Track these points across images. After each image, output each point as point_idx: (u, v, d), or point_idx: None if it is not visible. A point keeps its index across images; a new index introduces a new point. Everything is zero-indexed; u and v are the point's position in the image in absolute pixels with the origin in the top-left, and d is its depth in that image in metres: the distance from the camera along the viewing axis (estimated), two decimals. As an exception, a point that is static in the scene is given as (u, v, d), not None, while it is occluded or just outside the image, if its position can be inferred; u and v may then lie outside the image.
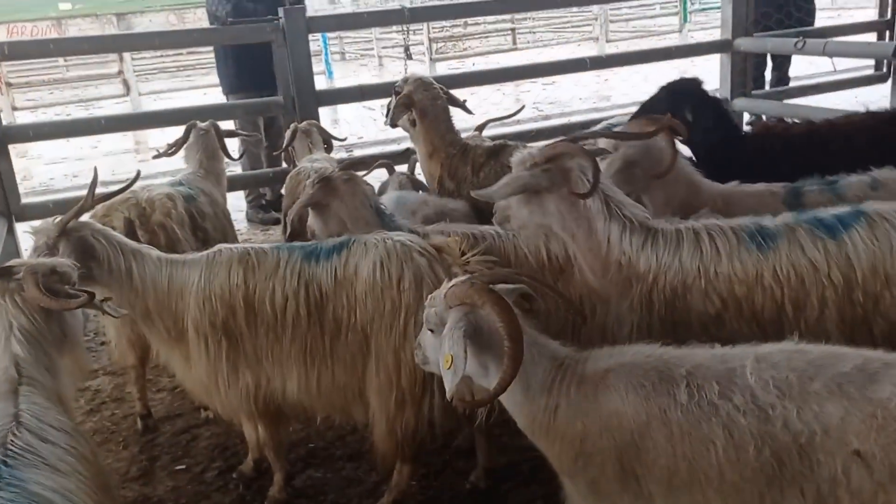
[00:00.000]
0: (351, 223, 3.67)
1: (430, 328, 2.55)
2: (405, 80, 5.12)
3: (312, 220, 3.84)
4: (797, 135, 4.62)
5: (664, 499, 2.30)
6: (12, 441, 2.08)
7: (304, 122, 5.82)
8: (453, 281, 2.52)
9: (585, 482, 2.43)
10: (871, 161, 3.82)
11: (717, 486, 2.20)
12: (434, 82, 5.17)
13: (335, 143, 6.00)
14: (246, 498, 3.75)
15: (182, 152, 5.26)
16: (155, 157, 5.40)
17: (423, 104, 5.00)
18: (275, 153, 6.93)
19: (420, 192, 5.07)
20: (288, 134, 5.73)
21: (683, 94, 4.71)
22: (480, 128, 5.66)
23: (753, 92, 9.90)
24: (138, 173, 4.06)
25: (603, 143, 3.73)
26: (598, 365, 2.44)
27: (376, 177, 4.99)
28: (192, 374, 3.45)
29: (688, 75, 5.00)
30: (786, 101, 9.91)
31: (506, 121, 6.03)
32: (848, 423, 2.07)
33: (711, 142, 4.51)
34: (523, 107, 6.28)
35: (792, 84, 10.80)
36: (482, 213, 4.06)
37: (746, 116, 10.13)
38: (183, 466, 4.05)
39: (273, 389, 3.39)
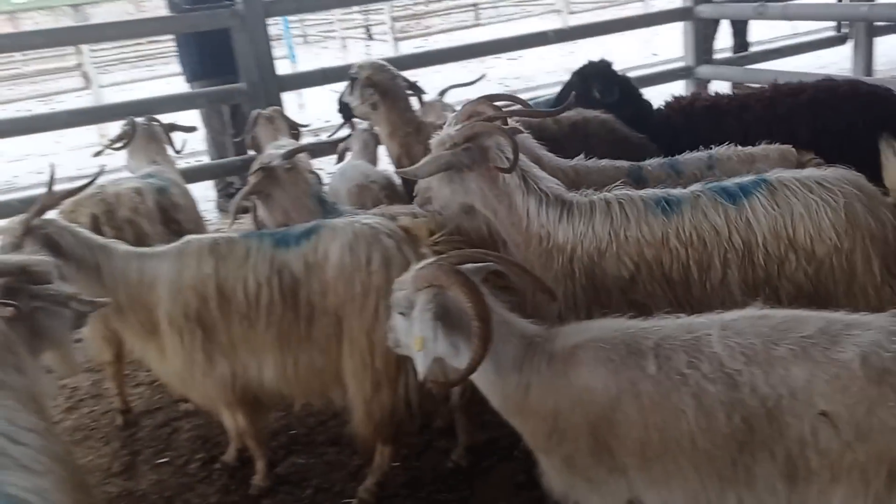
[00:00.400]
0: (294, 212, 3.73)
1: (400, 311, 2.57)
2: (360, 66, 5.13)
3: (259, 210, 3.87)
4: (699, 108, 4.82)
5: (638, 470, 2.36)
6: None
7: (268, 109, 5.77)
8: (421, 263, 2.55)
9: (560, 458, 2.48)
10: (763, 133, 4.03)
11: (690, 454, 2.25)
12: (387, 64, 5.19)
13: (302, 128, 5.96)
14: (230, 487, 3.77)
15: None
16: (95, 154, 5.18)
17: (384, 84, 5.02)
18: (235, 140, 6.86)
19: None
20: (249, 121, 5.69)
21: (591, 75, 5.06)
22: (443, 92, 5.85)
23: (716, 58, 9.98)
24: (101, 169, 4.00)
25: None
26: (566, 341, 2.47)
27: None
28: (168, 366, 3.45)
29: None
30: (748, 67, 9.99)
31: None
32: (813, 385, 2.13)
33: (621, 118, 4.71)
34: (484, 75, 6.27)
35: (753, 49, 10.88)
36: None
37: (713, 84, 10.22)
38: (166, 459, 4.06)
39: (250, 378, 3.40)
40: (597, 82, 5.00)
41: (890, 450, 2.05)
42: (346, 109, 5.26)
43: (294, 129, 5.72)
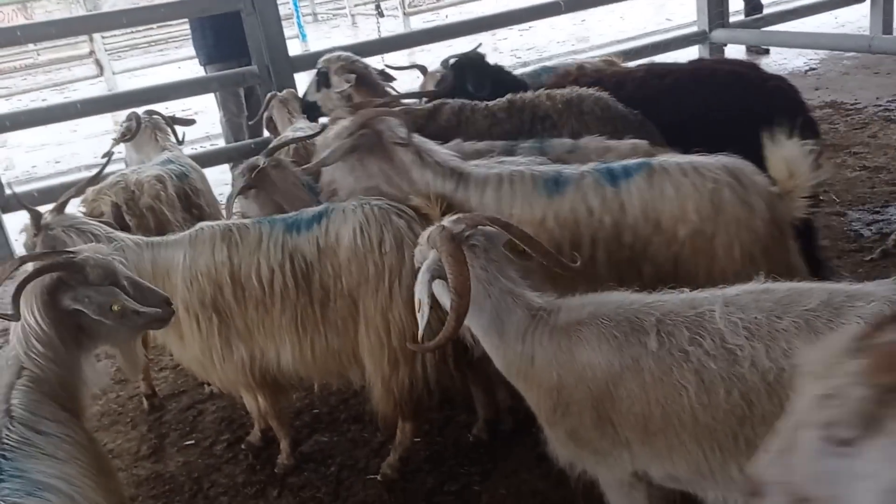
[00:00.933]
0: (288, 205, 3.78)
1: (418, 265, 2.64)
2: (327, 59, 5.14)
3: (247, 206, 3.96)
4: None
5: (640, 444, 2.37)
6: (7, 435, 2.10)
7: (284, 91, 5.78)
8: (442, 223, 2.59)
9: (565, 430, 2.51)
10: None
11: (691, 429, 2.27)
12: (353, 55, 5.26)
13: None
14: (256, 467, 3.82)
15: (120, 147, 5.22)
16: (105, 155, 5.23)
17: (360, 71, 5.05)
18: (250, 122, 6.88)
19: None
20: (264, 103, 5.70)
21: (464, 69, 5.15)
22: (446, 62, 5.80)
23: (731, 21, 9.82)
24: (109, 157, 4.05)
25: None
26: (570, 316, 2.49)
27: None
28: (187, 352, 3.50)
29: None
30: (764, 30, 9.85)
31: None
32: None
33: None
34: (480, 44, 6.16)
35: (767, 11, 10.71)
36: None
37: (729, 48, 10.08)
38: (192, 441, 4.12)
39: (268, 361, 3.44)
40: (469, 76, 5.12)
41: None
42: (312, 109, 5.29)
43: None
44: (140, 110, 5.25)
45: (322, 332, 3.35)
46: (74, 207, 4.80)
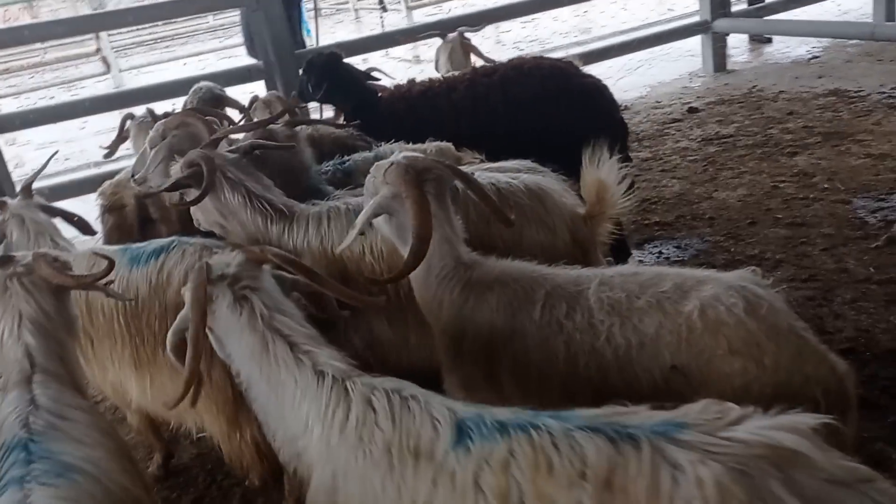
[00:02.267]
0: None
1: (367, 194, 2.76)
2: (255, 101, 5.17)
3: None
4: (415, 93, 5.02)
5: (520, 401, 2.42)
6: (33, 421, 2.13)
7: (267, 93, 5.84)
8: (398, 157, 2.65)
9: (459, 378, 2.69)
10: (468, 110, 4.55)
11: (559, 394, 2.44)
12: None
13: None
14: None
15: (128, 144, 5.26)
16: (105, 155, 5.37)
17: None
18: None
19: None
20: (247, 105, 5.76)
21: (309, 69, 5.28)
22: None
23: (733, 10, 9.83)
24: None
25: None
26: (481, 276, 2.66)
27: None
28: None
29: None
30: (766, 18, 9.85)
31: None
32: (661, 335, 2.28)
33: (352, 108, 5.05)
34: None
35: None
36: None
37: (731, 38, 10.09)
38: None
39: (125, 391, 3.31)
40: (312, 76, 5.23)
41: (724, 393, 2.13)
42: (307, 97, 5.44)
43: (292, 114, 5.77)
44: (139, 110, 5.28)
45: (157, 374, 3.12)
46: (92, 202, 4.90)
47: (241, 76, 7.46)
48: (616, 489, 1.55)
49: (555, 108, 4.64)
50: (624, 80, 10.23)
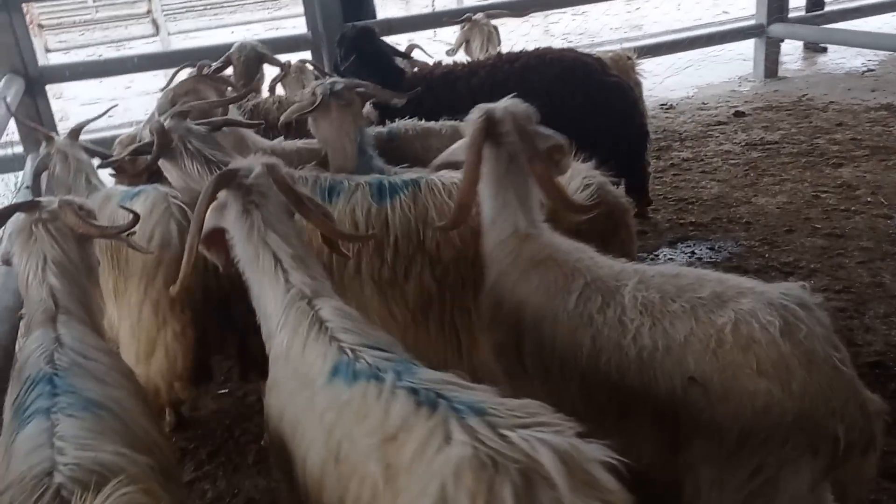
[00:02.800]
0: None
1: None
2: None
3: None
4: (437, 76, 5.06)
5: (541, 383, 2.56)
6: (58, 358, 2.18)
7: (298, 60, 5.91)
8: (494, 107, 2.84)
9: (493, 342, 2.75)
10: (486, 96, 4.26)
11: (579, 385, 2.44)
12: None
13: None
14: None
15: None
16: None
17: None
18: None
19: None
20: (279, 72, 5.84)
21: (341, 41, 5.34)
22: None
23: (790, 17, 9.66)
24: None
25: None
26: (532, 253, 2.68)
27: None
28: None
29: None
30: (824, 27, 9.65)
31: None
32: (690, 343, 2.20)
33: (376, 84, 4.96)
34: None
35: (829, 8, 10.49)
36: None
37: (786, 43, 9.91)
38: (226, 391, 4.24)
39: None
40: (342, 48, 5.26)
41: (743, 410, 2.10)
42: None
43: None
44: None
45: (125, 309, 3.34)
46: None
47: (288, 46, 7.49)
48: (397, 443, 1.68)
49: (570, 102, 4.57)
50: (671, 78, 10.09)
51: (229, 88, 4.46)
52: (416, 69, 5.34)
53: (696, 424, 2.19)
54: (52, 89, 7.62)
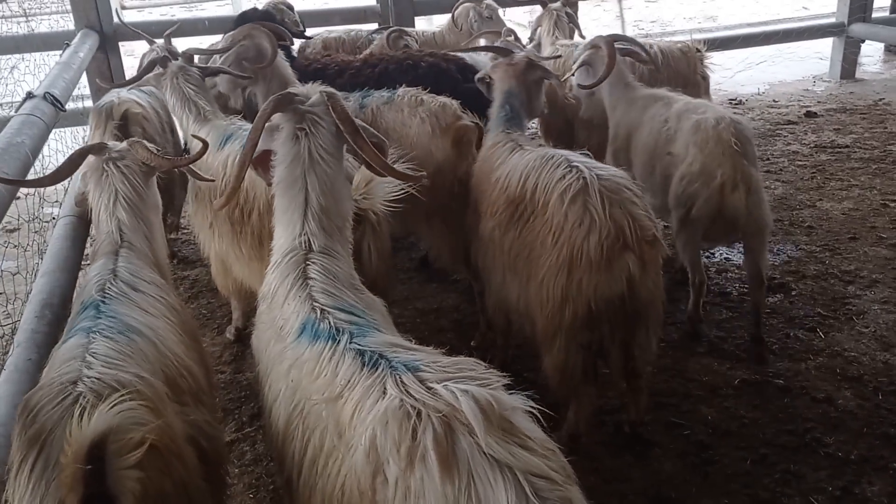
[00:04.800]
0: None
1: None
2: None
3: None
4: (311, 70, 5.10)
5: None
6: (109, 288, 2.42)
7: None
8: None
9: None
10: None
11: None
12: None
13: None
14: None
15: None
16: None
17: None
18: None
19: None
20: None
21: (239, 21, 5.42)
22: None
23: (874, 17, 9.31)
24: None
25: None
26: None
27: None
28: None
29: None
30: (908, 29, 9.28)
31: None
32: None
33: None
34: None
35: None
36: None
37: (866, 45, 9.56)
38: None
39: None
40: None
41: (689, 163, 4.02)
42: None
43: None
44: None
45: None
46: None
47: (356, 17, 7.51)
48: (342, 401, 1.83)
49: None
50: (743, 73, 9.85)
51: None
52: (326, 56, 5.47)
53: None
54: (124, 46, 7.78)
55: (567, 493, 1.54)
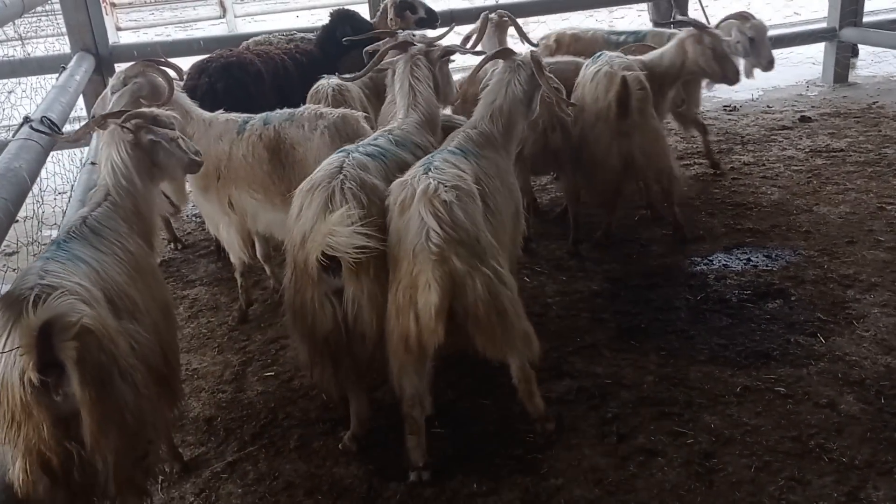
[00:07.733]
0: None
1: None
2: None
3: None
4: (217, 64, 5.68)
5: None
6: (74, 230, 2.99)
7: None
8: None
9: None
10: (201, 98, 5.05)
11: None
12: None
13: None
14: (329, 406, 3.93)
15: None
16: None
17: None
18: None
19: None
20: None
21: None
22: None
23: (865, 21, 9.35)
24: None
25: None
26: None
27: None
28: None
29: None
30: (898, 33, 9.31)
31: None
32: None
33: None
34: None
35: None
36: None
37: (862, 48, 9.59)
38: (272, 373, 4.31)
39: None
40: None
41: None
42: None
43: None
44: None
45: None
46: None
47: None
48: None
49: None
50: (736, 80, 9.87)
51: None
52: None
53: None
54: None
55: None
